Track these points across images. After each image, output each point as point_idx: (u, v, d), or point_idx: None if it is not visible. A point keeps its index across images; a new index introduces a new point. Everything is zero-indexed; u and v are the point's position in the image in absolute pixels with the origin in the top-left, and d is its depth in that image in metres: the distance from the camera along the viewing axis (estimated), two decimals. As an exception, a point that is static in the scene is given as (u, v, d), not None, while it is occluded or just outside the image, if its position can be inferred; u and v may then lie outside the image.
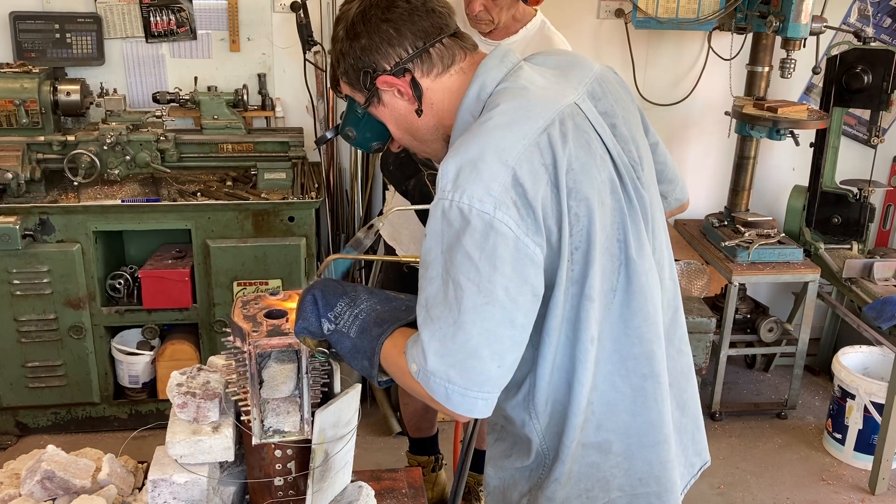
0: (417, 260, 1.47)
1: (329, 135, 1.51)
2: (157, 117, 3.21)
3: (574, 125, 1.24)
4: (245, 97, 3.31)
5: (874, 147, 3.40)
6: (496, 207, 1.12)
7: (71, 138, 3.05)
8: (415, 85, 1.29)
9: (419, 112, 1.31)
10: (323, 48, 3.41)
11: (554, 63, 1.36)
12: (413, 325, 1.21)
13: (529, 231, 1.14)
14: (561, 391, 1.27)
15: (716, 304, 3.61)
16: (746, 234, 3.44)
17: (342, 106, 3.51)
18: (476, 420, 1.83)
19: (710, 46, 3.71)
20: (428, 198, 2.06)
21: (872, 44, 3.34)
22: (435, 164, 1.82)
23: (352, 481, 1.53)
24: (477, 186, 1.13)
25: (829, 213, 3.53)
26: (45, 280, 2.99)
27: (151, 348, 3.23)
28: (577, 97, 1.29)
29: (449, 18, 1.32)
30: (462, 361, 1.12)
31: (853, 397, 3.21)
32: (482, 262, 1.11)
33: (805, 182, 3.62)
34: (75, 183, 3.06)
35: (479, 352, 1.12)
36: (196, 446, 1.37)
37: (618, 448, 1.32)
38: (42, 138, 3.05)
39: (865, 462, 3.22)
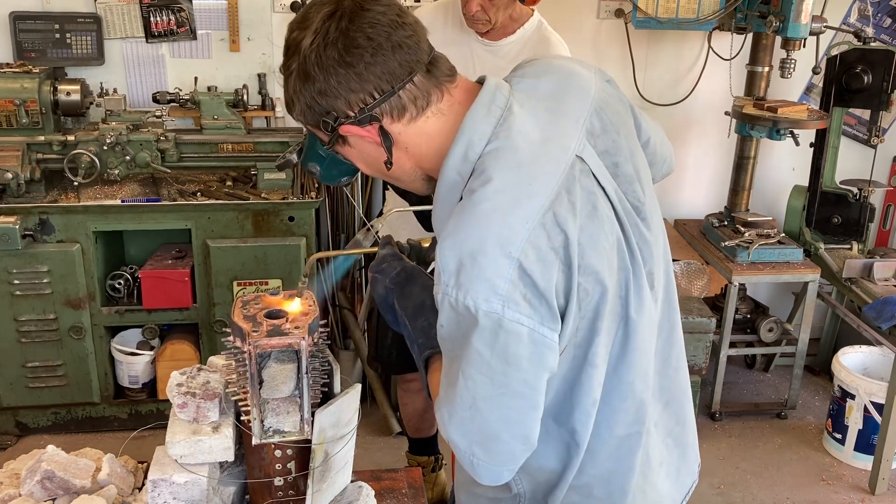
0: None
1: (293, 159, 1.40)
2: (157, 117, 3.21)
3: (580, 188, 1.14)
4: (245, 97, 3.31)
5: (874, 147, 3.40)
6: (504, 306, 1.05)
7: (71, 138, 3.05)
8: (384, 134, 1.15)
9: (388, 164, 1.18)
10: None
11: (545, 91, 1.22)
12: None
13: (544, 319, 1.08)
14: (554, 449, 1.23)
15: (716, 304, 3.61)
16: (746, 234, 3.44)
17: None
18: None
19: (710, 46, 3.71)
20: (426, 199, 2.06)
21: (872, 44, 3.34)
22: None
23: (352, 481, 1.53)
24: (481, 285, 1.05)
25: (829, 213, 3.52)
26: (45, 280, 2.99)
27: (151, 348, 3.23)
28: (578, 145, 1.17)
29: (419, 50, 1.14)
30: (483, 442, 1.12)
31: (853, 397, 3.21)
32: (494, 359, 1.07)
33: (805, 182, 3.62)
34: (75, 183, 3.06)
35: (500, 436, 1.11)
36: (196, 446, 1.37)
37: (599, 493, 1.28)
38: (42, 138, 3.05)
39: (865, 462, 3.22)
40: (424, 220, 2.08)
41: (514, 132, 1.14)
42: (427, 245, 1.48)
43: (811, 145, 3.53)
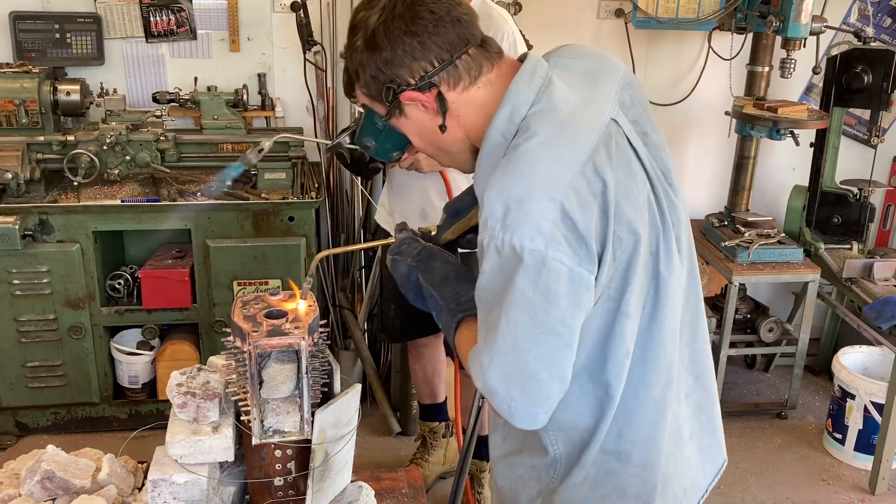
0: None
1: (346, 141, 1.47)
2: (157, 117, 3.21)
3: (616, 145, 1.23)
4: (245, 97, 3.31)
5: (874, 147, 3.40)
6: (547, 245, 1.13)
7: (71, 138, 3.05)
8: (441, 100, 1.26)
9: (443, 128, 1.29)
10: (323, 48, 3.41)
11: (581, 68, 1.33)
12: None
13: (583, 261, 1.16)
14: (588, 405, 1.28)
15: (716, 304, 3.61)
16: (746, 234, 3.44)
17: (343, 106, 3.53)
18: (477, 416, 1.85)
19: (710, 46, 3.71)
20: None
21: (872, 44, 3.34)
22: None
23: (352, 481, 1.53)
24: (527, 226, 1.13)
25: (829, 213, 3.52)
26: (44, 280, 2.99)
27: (151, 348, 3.23)
28: (613, 111, 1.27)
29: (474, 27, 1.27)
30: (522, 383, 1.17)
31: (853, 397, 3.21)
32: (536, 297, 1.14)
33: (805, 182, 3.62)
34: (75, 183, 3.05)
35: (538, 375, 1.17)
36: (196, 446, 1.37)
37: (637, 458, 1.32)
38: (42, 138, 3.05)
39: (865, 462, 3.22)
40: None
41: (556, 97, 1.24)
42: (434, 232, 1.56)
43: (811, 145, 3.53)
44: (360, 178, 3.51)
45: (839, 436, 3.31)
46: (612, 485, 1.33)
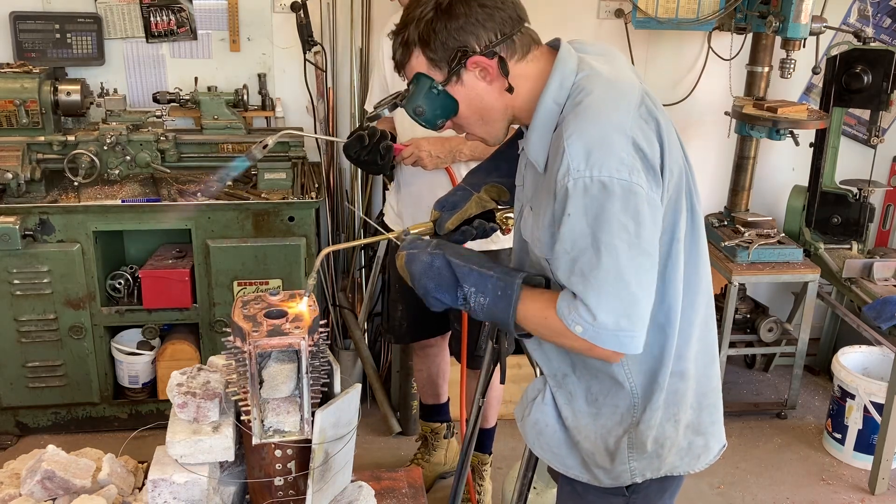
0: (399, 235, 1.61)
1: (385, 112, 1.58)
2: (158, 117, 3.20)
3: (649, 98, 1.44)
4: (245, 97, 3.31)
5: (874, 147, 3.40)
6: (630, 173, 1.29)
7: (71, 138, 3.05)
8: (503, 64, 1.41)
9: (510, 89, 1.42)
10: (323, 48, 3.41)
11: (595, 52, 1.50)
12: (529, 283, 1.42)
13: (653, 186, 1.32)
14: (655, 333, 1.42)
15: (716, 303, 3.61)
16: (746, 234, 3.44)
17: (343, 106, 3.53)
18: (478, 415, 1.87)
19: (709, 46, 3.71)
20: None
21: (872, 44, 3.34)
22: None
23: (352, 481, 1.54)
24: (612, 160, 1.29)
25: (829, 213, 3.53)
26: (45, 280, 2.99)
27: (151, 348, 3.23)
28: (637, 80, 1.47)
29: (524, 12, 1.46)
30: (627, 311, 1.31)
31: (853, 397, 3.21)
32: (628, 221, 1.29)
33: (805, 182, 3.62)
34: (75, 183, 3.05)
35: (639, 299, 1.31)
36: (196, 446, 1.38)
37: (692, 372, 1.50)
38: (42, 138, 3.05)
39: (865, 462, 3.22)
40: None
41: (595, 66, 1.43)
42: (427, 229, 1.68)
43: (811, 145, 3.53)
44: (359, 175, 3.52)
45: (839, 436, 3.31)
46: (678, 402, 1.50)
